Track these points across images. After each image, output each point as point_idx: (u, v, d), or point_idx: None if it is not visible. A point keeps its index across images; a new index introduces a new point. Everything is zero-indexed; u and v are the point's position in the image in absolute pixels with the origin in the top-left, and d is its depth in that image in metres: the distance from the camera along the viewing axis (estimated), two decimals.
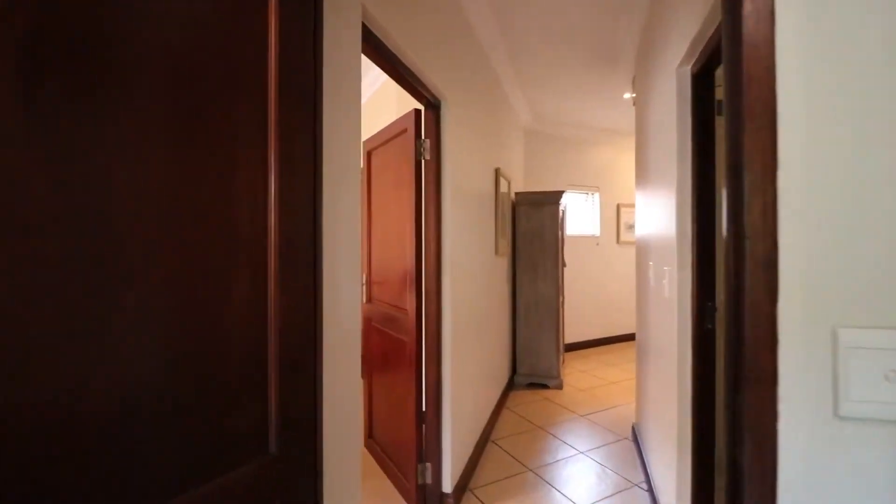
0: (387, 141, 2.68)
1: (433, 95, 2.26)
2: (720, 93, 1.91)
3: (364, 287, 3.09)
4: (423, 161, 2.33)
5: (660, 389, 2.25)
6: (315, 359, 1.02)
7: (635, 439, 3.07)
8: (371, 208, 2.97)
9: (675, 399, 1.88)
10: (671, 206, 1.94)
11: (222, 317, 0.78)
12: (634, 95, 3.82)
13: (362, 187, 3.05)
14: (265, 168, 0.89)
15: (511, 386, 4.20)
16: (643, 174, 2.94)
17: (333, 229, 1.24)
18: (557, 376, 4.16)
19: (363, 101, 4.43)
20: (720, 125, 2.10)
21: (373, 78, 4.01)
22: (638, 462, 2.81)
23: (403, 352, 2.46)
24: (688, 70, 1.87)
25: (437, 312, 2.34)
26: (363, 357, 3.22)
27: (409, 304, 2.37)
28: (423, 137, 2.33)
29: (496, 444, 3.10)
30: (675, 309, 1.87)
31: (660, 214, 2.22)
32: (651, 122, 2.54)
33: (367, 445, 3.09)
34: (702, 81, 1.84)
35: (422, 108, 2.35)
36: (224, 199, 0.80)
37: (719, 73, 1.83)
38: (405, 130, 2.41)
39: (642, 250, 2.93)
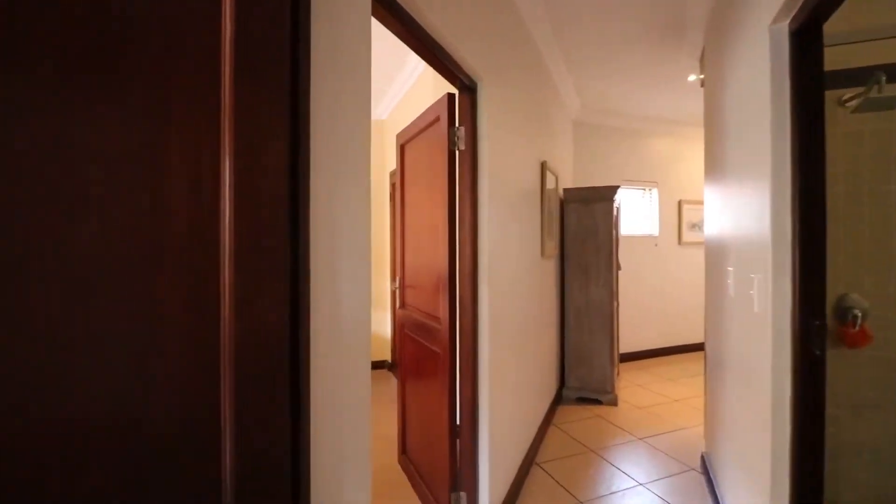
0: (419, 132, 2.44)
1: (468, 76, 1.99)
2: (832, 55, 1.51)
3: (398, 291, 2.87)
4: (456, 152, 2.06)
5: (743, 417, 1.86)
6: (297, 391, 0.78)
7: (705, 471, 2.65)
8: (405, 207, 2.74)
9: (768, 434, 1.51)
10: (762, 199, 1.56)
11: (139, 349, 0.56)
12: (702, 77, 3.37)
13: (396, 185, 2.83)
14: (215, 148, 0.66)
15: (559, 400, 3.85)
16: (716, 165, 2.52)
17: (331, 228, 1.00)
18: (611, 391, 3.76)
19: (401, 92, 4.24)
20: (832, 100, 1.69)
21: (411, 68, 3.79)
22: (709, 500, 2.40)
23: (436, 365, 2.20)
24: (784, 27, 1.49)
25: (472, 322, 2.07)
26: (398, 364, 3.01)
27: (442, 312, 2.11)
28: (456, 125, 2.06)
29: (541, 467, 2.78)
30: (768, 327, 1.49)
31: (744, 210, 1.83)
32: (730, 101, 2.13)
33: (399, 461, 2.87)
34: (804, 40, 1.45)
35: (455, 91, 2.08)
36: (144, 183, 0.57)
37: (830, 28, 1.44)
38: (437, 119, 2.16)
39: (715, 253, 2.51)
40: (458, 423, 2.15)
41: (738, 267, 1.93)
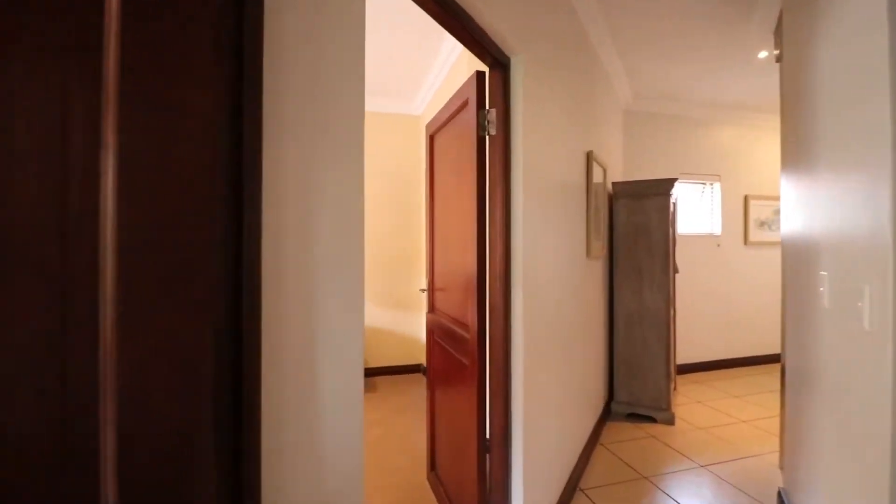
0: (448, 119, 2.21)
1: (499, 50, 1.73)
2: None
3: (427, 294, 2.65)
4: (486, 137, 1.81)
5: (842, 454, 1.49)
6: (243, 448, 0.57)
7: None
8: (433, 202, 2.52)
9: (886, 483, 1.15)
10: (876, 189, 1.20)
11: None
12: (777, 52, 2.92)
13: (426, 180, 2.61)
14: (89, 99, 0.45)
15: (607, 415, 3.49)
16: (800, 151, 2.12)
17: (304, 221, 0.78)
18: (667, 408, 3.36)
19: (436, 83, 4.03)
20: None
21: (444, 56, 3.57)
22: None
23: (464, 377, 1.96)
24: None
25: (503, 331, 1.81)
26: (427, 372, 2.79)
27: (471, 319, 1.86)
28: (486, 107, 1.81)
29: (586, 494, 2.47)
30: (887, 350, 1.14)
31: (844, 204, 1.46)
32: (823, 73, 1.75)
33: (428, 478, 2.65)
34: None
35: (485, 69, 1.83)
36: None
37: None
38: (466, 103, 1.92)
39: (799, 254, 2.11)
40: (487, 447, 1.90)
41: (835, 272, 1.55)
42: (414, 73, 3.95)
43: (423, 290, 2.70)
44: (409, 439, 3.13)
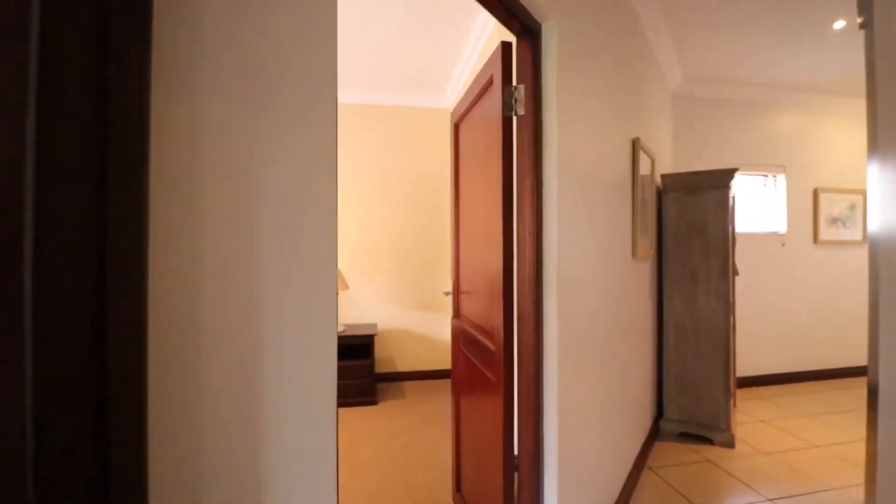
0: (472, 103, 1.97)
1: (528, 15, 1.48)
2: None
3: (453, 297, 2.42)
4: (513, 118, 1.56)
5: None
6: None
7: None
8: (458, 196, 2.29)
9: None
10: None
11: None
12: (861, 19, 2.49)
13: (451, 173, 2.38)
14: None
15: (655, 434, 3.14)
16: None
17: (239, 209, 0.57)
18: (726, 428, 2.98)
19: (465, 72, 3.79)
20: None
21: (474, 41, 3.33)
22: None
23: (489, 394, 1.72)
24: None
25: (534, 344, 1.55)
26: (453, 383, 2.55)
27: (496, 328, 1.62)
28: (513, 83, 1.56)
29: None
30: None
31: None
32: None
33: (454, 500, 2.42)
34: None
35: (512, 39, 1.58)
36: None
37: None
38: (490, 81, 1.67)
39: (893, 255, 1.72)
40: (515, 478, 1.64)
41: None
42: (442, 62, 3.73)
43: (447, 294, 2.47)
44: (436, 453, 2.91)
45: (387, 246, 4.46)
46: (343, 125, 4.37)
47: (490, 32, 2.95)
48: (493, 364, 1.65)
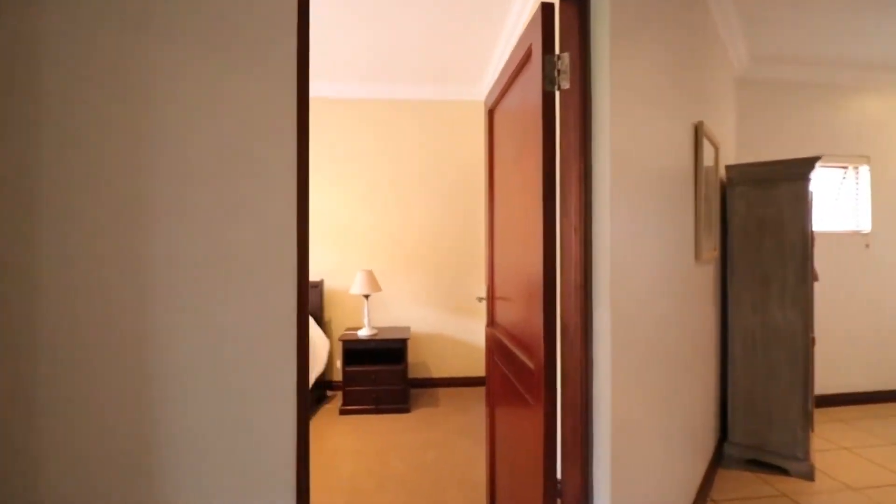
0: (508, 84, 1.73)
1: None
2: None
3: (487, 303, 2.19)
4: (556, 93, 1.31)
5: None
6: None
7: None
8: (493, 192, 2.05)
9: None
10: None
11: None
12: None
13: (486, 164, 2.15)
14: None
15: (718, 460, 2.77)
16: None
17: (122, 173, 0.37)
18: (804, 457, 2.58)
19: (502, 61, 3.54)
20: None
21: (511, 27, 3.08)
22: None
23: (527, 418, 1.47)
24: None
25: (582, 363, 1.29)
26: (487, 394, 2.30)
27: (535, 344, 1.37)
28: (555, 52, 1.31)
29: None
30: None
31: None
32: None
33: None
34: None
35: (554, 0, 1.33)
36: None
37: None
38: (529, 54, 1.43)
39: None
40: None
41: None
42: (478, 50, 3.50)
43: (480, 300, 2.24)
44: (470, 470, 2.68)
45: (423, 246, 4.27)
46: (378, 121, 4.22)
47: (531, 7, 2.70)
48: (533, 386, 1.40)
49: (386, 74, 3.93)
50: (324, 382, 4.08)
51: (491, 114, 2.06)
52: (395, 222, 4.25)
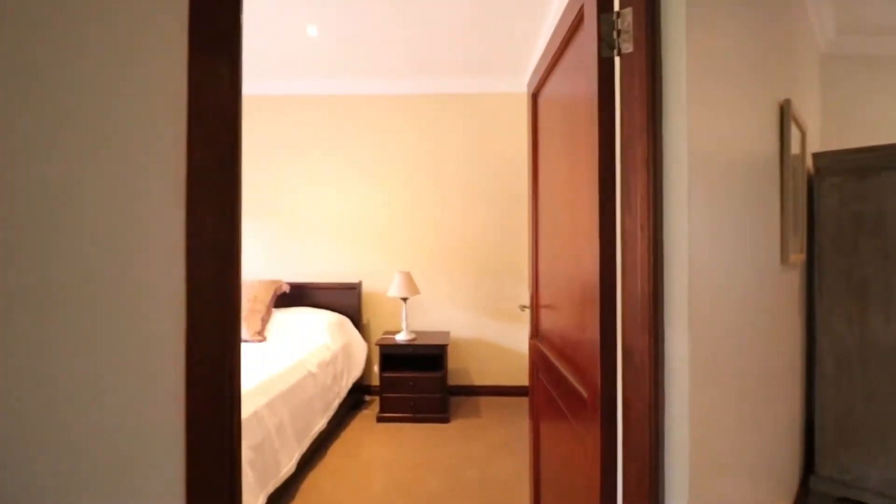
0: (555, 60, 1.49)
1: None
2: None
3: (530, 312, 1.95)
4: (615, 59, 1.06)
5: None
6: None
7: None
8: (538, 186, 1.81)
9: None
10: None
11: None
12: None
13: (529, 155, 1.91)
14: None
15: (803, 498, 2.38)
16: None
17: None
18: None
19: (551, 27, 3.26)
20: None
21: (557, 5, 2.81)
22: None
23: (579, 454, 1.23)
24: None
25: (650, 402, 1.03)
26: (530, 410, 2.05)
27: (589, 367, 1.13)
28: (616, 8, 1.07)
29: None
30: None
31: None
32: None
33: None
34: None
35: None
36: None
37: None
38: (580, 17, 1.19)
39: None
40: None
41: None
42: (521, 38, 3.25)
43: (523, 308, 2.00)
44: (513, 494, 2.44)
45: (463, 246, 4.06)
46: (417, 116, 4.06)
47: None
48: (585, 418, 1.16)
49: (425, 67, 3.75)
50: (362, 387, 3.96)
51: (534, 98, 1.82)
52: (435, 222, 4.07)
